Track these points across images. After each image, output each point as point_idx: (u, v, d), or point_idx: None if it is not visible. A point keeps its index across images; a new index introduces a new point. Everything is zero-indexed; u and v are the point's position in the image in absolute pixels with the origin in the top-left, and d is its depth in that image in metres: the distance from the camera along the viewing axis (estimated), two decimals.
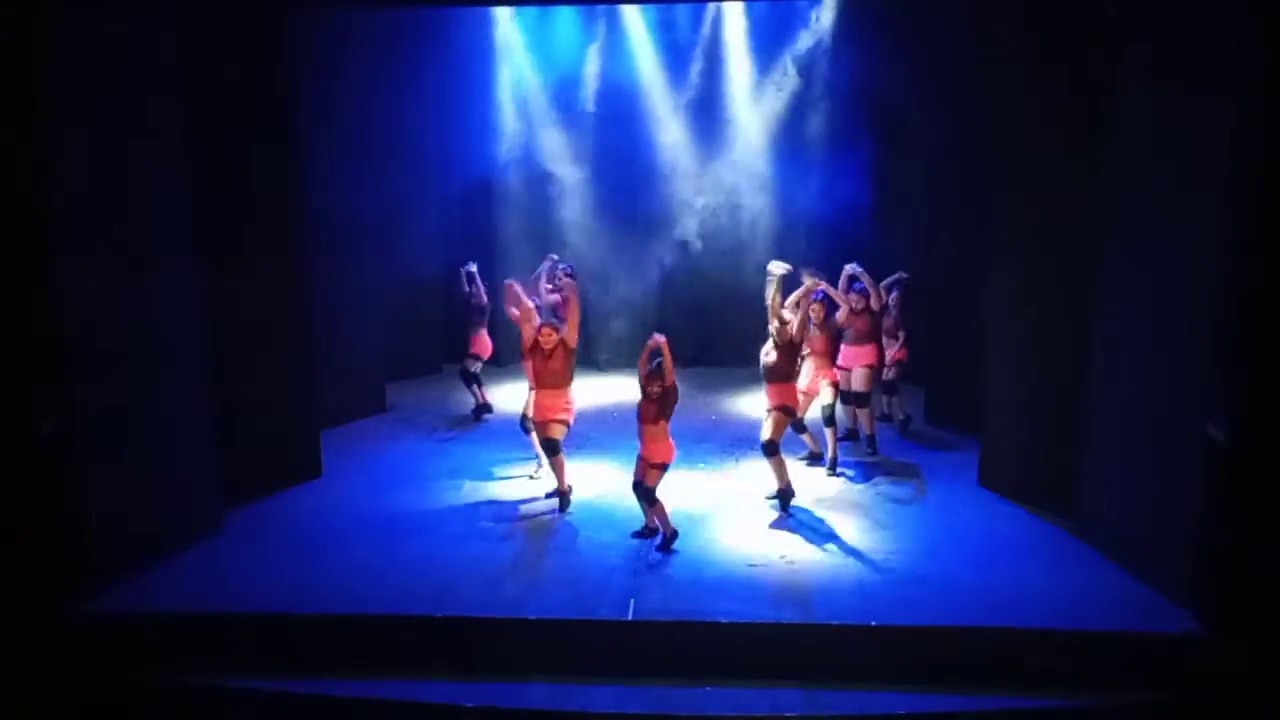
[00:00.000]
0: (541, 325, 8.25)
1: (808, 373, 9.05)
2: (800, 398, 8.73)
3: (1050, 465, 8.09)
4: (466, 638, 6.60)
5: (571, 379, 8.29)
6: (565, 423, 8.25)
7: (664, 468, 7.56)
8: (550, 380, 8.20)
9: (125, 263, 7.07)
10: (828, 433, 9.11)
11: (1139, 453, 7.08)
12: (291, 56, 8.59)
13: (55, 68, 6.55)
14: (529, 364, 8.44)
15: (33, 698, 6.53)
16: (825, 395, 9.05)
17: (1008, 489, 8.49)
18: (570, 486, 8.39)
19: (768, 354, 8.20)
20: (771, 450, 8.11)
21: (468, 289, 10.54)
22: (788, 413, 8.19)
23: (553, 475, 8.37)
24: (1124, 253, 7.18)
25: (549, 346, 8.15)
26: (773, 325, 8.16)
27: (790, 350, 8.16)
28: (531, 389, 8.62)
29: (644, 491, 7.58)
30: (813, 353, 9.02)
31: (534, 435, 8.70)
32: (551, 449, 8.19)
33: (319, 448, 9.21)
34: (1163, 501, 6.85)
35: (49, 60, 6.52)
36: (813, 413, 9.36)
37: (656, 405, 7.46)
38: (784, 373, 8.18)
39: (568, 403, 8.26)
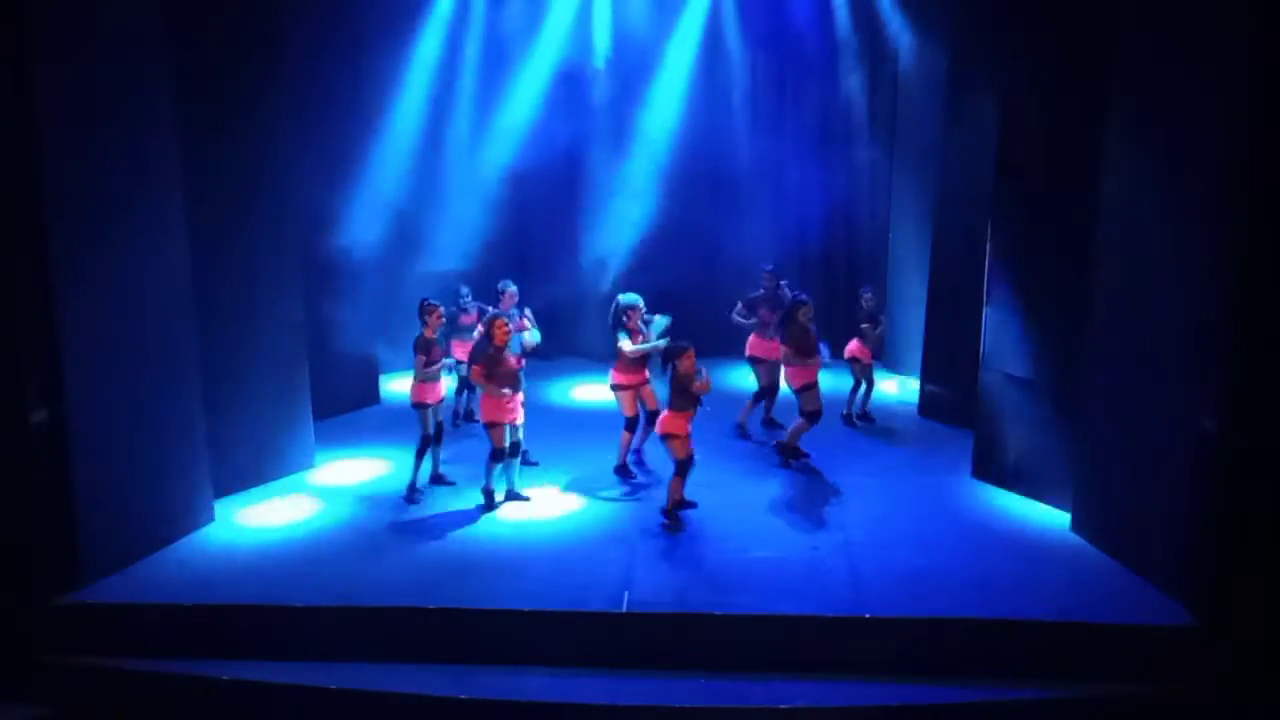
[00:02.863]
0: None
1: None
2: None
3: (1044, 458, 8.11)
4: (461, 629, 6.61)
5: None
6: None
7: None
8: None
9: (117, 255, 7.02)
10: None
11: (1133, 446, 7.08)
12: (281, 46, 8.52)
13: (48, 66, 6.52)
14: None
15: (26, 689, 6.53)
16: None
17: (1002, 482, 8.50)
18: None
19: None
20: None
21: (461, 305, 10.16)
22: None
23: None
24: (1117, 247, 7.18)
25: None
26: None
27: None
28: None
29: None
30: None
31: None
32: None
33: (311, 438, 9.18)
34: (1156, 495, 6.86)
35: (41, 61, 6.48)
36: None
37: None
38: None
39: None
